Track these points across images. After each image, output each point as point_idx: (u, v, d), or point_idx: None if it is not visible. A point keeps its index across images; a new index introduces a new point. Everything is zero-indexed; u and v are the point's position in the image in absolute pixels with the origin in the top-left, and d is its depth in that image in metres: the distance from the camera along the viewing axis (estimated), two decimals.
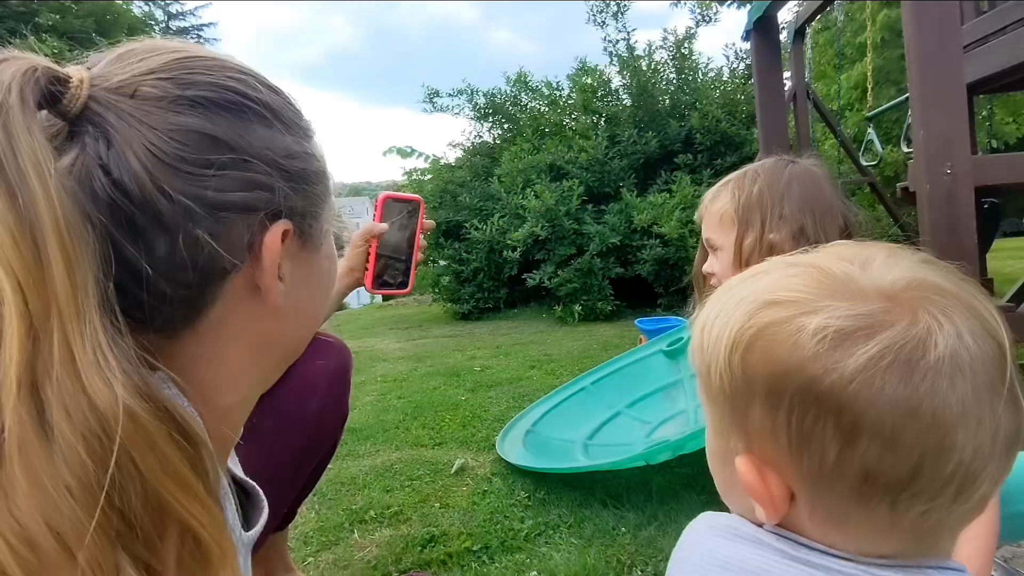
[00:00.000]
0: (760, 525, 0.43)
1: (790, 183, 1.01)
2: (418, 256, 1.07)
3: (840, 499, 0.38)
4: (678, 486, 1.67)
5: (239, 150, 0.44)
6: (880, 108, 4.83)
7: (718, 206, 1.05)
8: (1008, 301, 2.63)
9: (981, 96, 5.01)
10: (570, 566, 1.32)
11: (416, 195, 1.08)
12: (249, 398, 0.54)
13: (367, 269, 1.03)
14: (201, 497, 0.38)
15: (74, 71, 0.41)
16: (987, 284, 2.68)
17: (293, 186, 0.47)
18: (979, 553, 0.75)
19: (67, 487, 0.33)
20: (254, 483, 0.62)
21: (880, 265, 0.40)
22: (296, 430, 1.01)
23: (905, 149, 4.07)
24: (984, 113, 5.23)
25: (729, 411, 0.42)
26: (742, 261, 0.99)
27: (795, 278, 0.41)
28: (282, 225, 0.47)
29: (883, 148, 4.80)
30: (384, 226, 1.02)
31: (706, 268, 1.08)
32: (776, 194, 0.99)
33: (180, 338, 0.45)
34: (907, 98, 3.95)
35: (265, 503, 0.62)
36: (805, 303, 0.38)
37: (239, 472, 0.62)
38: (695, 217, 1.12)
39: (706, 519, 0.48)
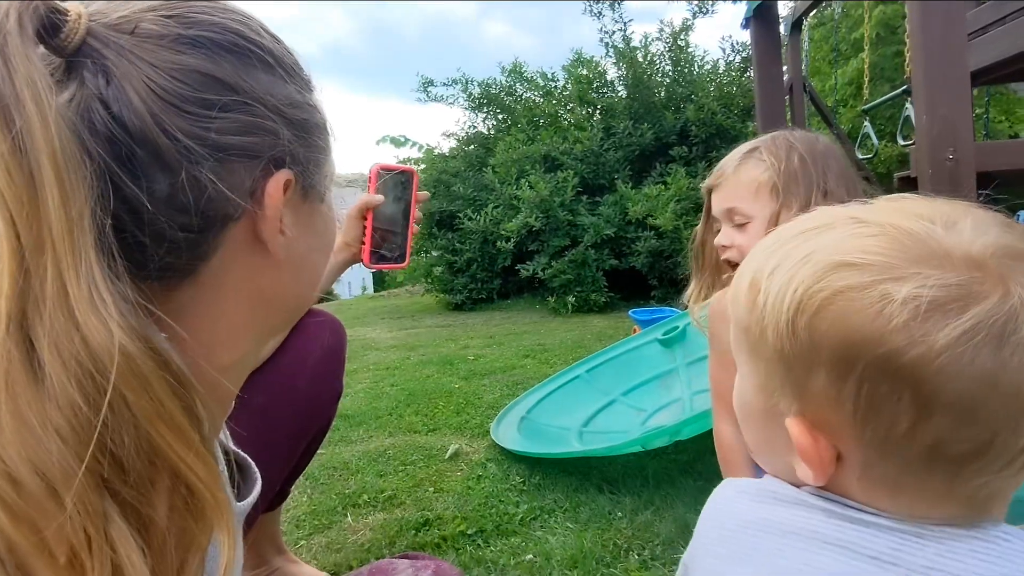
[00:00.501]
0: (797, 487, 0.42)
1: (827, 155, 0.95)
2: (414, 228, 1.05)
3: (900, 467, 0.37)
4: (675, 472, 1.66)
5: (242, 93, 0.43)
6: (876, 101, 4.83)
7: (751, 174, 0.97)
8: None
9: (976, 92, 5.02)
10: (566, 549, 1.31)
11: (409, 165, 1.05)
12: (245, 360, 0.52)
13: (363, 243, 1.01)
14: (196, 446, 0.37)
15: (72, 6, 0.39)
16: None
17: (296, 135, 0.46)
18: None
19: (56, 428, 0.31)
20: (246, 455, 0.60)
21: (967, 228, 0.37)
22: (287, 407, 0.99)
23: (901, 143, 4.08)
24: (980, 109, 5.25)
25: (784, 373, 0.39)
26: None
27: (872, 238, 0.37)
28: (285, 174, 0.45)
29: (878, 142, 4.79)
30: (380, 198, 1.00)
31: (725, 240, 1.01)
32: (818, 166, 0.94)
33: (179, 288, 0.43)
34: (903, 91, 3.95)
35: (258, 475, 0.60)
36: (889, 267, 0.36)
37: (229, 443, 0.60)
38: (704, 185, 1.05)
39: (734, 485, 0.46)
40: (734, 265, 1.01)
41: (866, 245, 0.37)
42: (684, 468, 1.67)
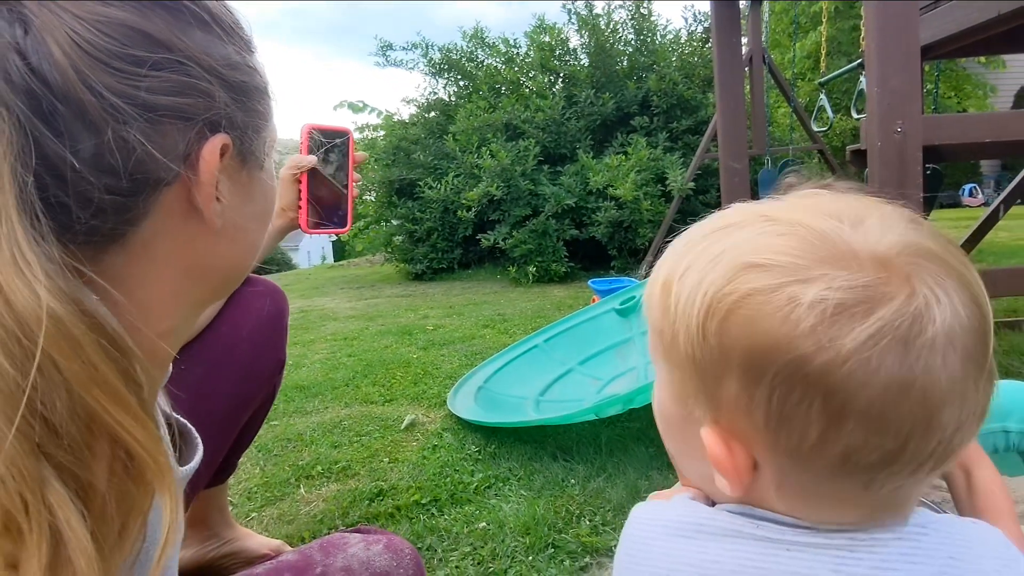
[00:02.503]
0: (713, 499, 0.41)
1: None
2: (354, 192, 1.01)
3: (814, 476, 0.36)
4: (627, 439, 1.69)
5: (175, 51, 0.40)
6: (833, 74, 4.90)
7: None
8: None
9: (927, 67, 5.13)
10: (519, 517, 1.32)
11: (344, 126, 1.01)
12: (180, 327, 0.50)
13: (300, 208, 0.97)
14: (133, 410, 0.36)
15: None
16: None
17: (233, 98, 0.44)
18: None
19: None
20: (186, 421, 0.58)
21: (874, 226, 0.36)
22: (228, 377, 0.96)
23: (855, 116, 4.16)
24: (930, 85, 5.38)
25: (697, 380, 0.38)
26: None
27: (780, 237, 0.36)
28: (221, 138, 0.43)
29: (834, 115, 4.88)
30: (312, 158, 0.95)
31: None
32: None
33: (107, 252, 0.41)
34: (859, 64, 4.01)
35: (199, 441, 0.58)
36: (796, 269, 0.34)
37: (168, 409, 0.58)
38: None
39: (651, 514, 0.44)
40: None
41: (775, 245, 0.36)
42: (637, 435, 1.70)
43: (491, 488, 1.49)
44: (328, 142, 0.97)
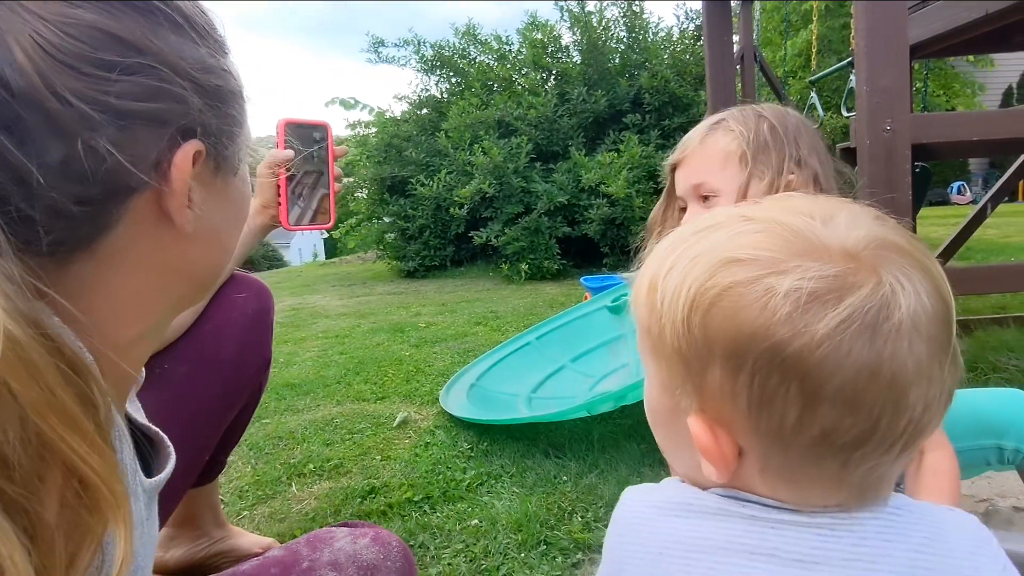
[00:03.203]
0: (702, 487, 0.43)
1: (798, 125, 0.89)
2: (335, 186, 1.00)
3: (795, 458, 0.38)
4: (619, 436, 1.69)
5: (147, 54, 0.39)
6: (823, 72, 4.92)
7: (718, 144, 0.89)
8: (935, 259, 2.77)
9: (916, 65, 5.16)
10: (511, 514, 1.32)
11: (322, 119, 0.99)
12: (152, 333, 0.49)
13: (279, 204, 0.96)
14: (90, 437, 0.34)
15: None
16: None
17: (207, 103, 0.43)
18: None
19: None
20: (157, 429, 0.57)
21: (842, 221, 0.39)
22: (212, 376, 0.95)
23: (845, 114, 4.18)
24: (919, 84, 5.41)
25: (683, 371, 0.40)
26: None
27: (757, 234, 0.39)
28: (194, 145, 0.42)
29: (824, 113, 4.91)
30: (289, 153, 0.93)
31: (689, 220, 0.93)
32: (790, 135, 0.88)
33: (74, 262, 0.40)
34: (849, 62, 4.03)
35: (171, 449, 0.57)
36: (772, 262, 0.37)
37: (140, 417, 0.57)
38: (667, 163, 0.97)
39: (642, 495, 0.46)
40: None
41: (752, 241, 0.39)
42: (628, 432, 1.71)
43: (483, 485, 1.50)
44: (305, 136, 0.95)
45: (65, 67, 0.35)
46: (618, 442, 1.65)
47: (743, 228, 0.40)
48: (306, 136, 0.96)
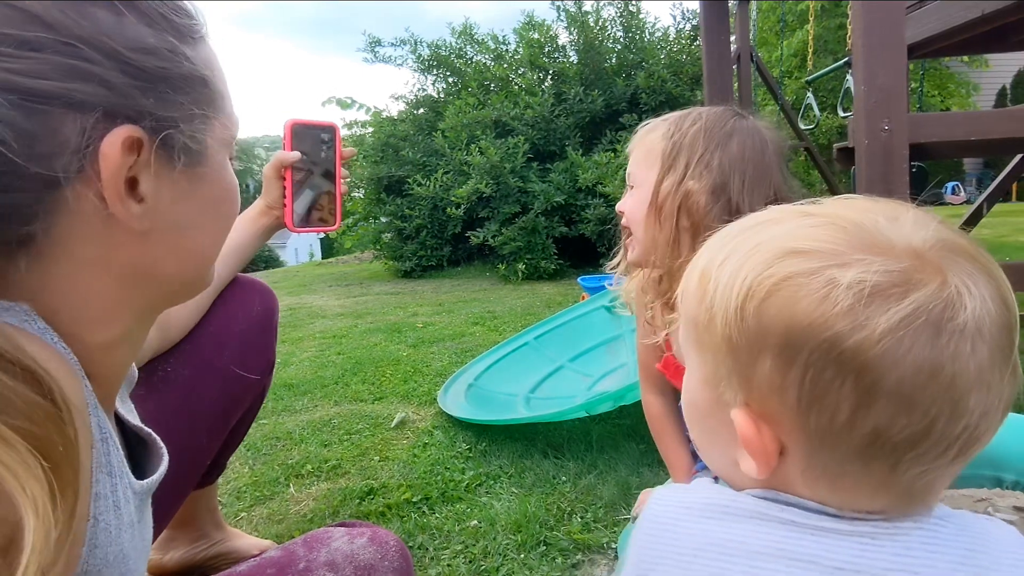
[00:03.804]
0: (736, 486, 0.42)
1: (731, 134, 0.91)
2: (342, 188, 0.99)
3: (841, 457, 0.37)
4: (618, 436, 1.69)
5: (63, 31, 0.36)
6: (819, 72, 4.94)
7: (650, 139, 0.96)
8: None
9: (911, 66, 5.18)
10: (510, 514, 1.32)
11: (330, 121, 0.99)
12: (132, 335, 0.48)
13: (285, 205, 0.95)
14: (5, 435, 0.32)
15: None
16: None
17: (143, 86, 0.40)
18: None
19: None
20: (150, 431, 0.57)
21: (908, 221, 0.38)
22: (215, 379, 0.94)
23: (841, 114, 4.18)
24: (915, 84, 5.43)
25: (731, 362, 0.40)
26: (657, 205, 0.91)
27: (819, 228, 0.38)
28: (125, 130, 0.39)
29: (820, 113, 4.92)
30: (296, 154, 0.93)
31: (619, 205, 1.00)
32: (712, 141, 0.90)
33: (15, 260, 0.38)
34: (845, 62, 4.04)
35: (164, 451, 0.56)
36: (835, 254, 0.36)
37: (133, 419, 0.57)
38: (626, 150, 1.03)
39: (672, 499, 0.44)
40: (628, 231, 0.99)
41: (814, 234, 0.38)
42: (627, 432, 1.71)
43: (482, 486, 1.49)
44: (313, 137, 0.95)
45: None
46: (617, 442, 1.65)
47: (803, 222, 0.40)
48: (314, 137, 0.95)
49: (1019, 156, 2.67)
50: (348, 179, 1.02)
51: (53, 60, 0.36)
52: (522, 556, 1.19)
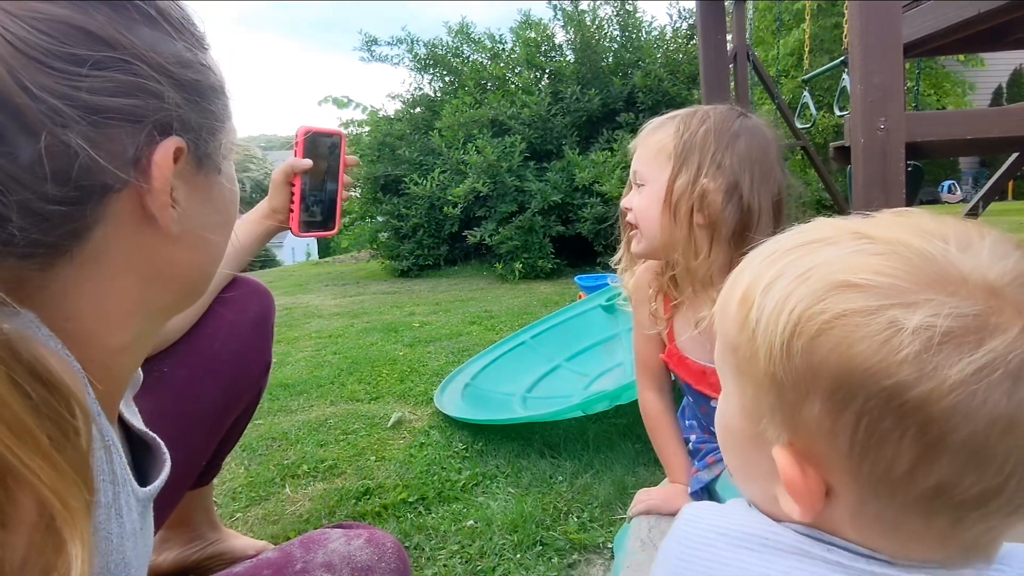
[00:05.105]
0: (774, 518, 0.39)
1: (738, 134, 0.93)
2: (343, 194, 1.01)
3: (900, 509, 0.34)
4: (614, 435, 1.69)
5: (120, 49, 0.38)
6: (816, 71, 4.94)
7: (658, 138, 0.97)
8: None
9: (908, 65, 5.19)
10: (507, 514, 1.32)
11: (338, 128, 1.00)
12: (143, 338, 0.48)
13: (291, 211, 0.96)
14: (44, 449, 0.33)
15: None
16: None
17: (186, 98, 0.42)
18: None
19: None
20: (154, 435, 0.57)
21: (984, 249, 0.34)
22: (212, 379, 0.94)
23: (838, 113, 4.19)
24: (911, 83, 5.45)
25: (775, 399, 0.36)
26: (671, 203, 0.92)
27: (878, 256, 0.34)
28: (174, 141, 0.41)
29: (817, 112, 4.93)
30: (308, 162, 0.95)
31: (626, 202, 1.01)
32: (722, 140, 0.92)
33: (55, 266, 0.39)
34: (842, 61, 4.04)
35: (167, 456, 0.56)
36: (897, 291, 0.32)
37: (137, 423, 0.56)
38: (628, 148, 1.04)
39: (708, 519, 0.41)
40: (633, 227, 1.01)
41: (873, 264, 0.34)
42: (623, 431, 1.71)
43: (479, 486, 1.49)
44: (322, 144, 0.96)
45: (34, 62, 0.35)
46: (613, 442, 1.65)
47: (859, 247, 0.35)
48: (322, 144, 0.97)
49: (1015, 155, 2.68)
50: (351, 186, 1.04)
51: (116, 78, 0.38)
52: (518, 556, 1.19)
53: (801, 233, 0.39)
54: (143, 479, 0.51)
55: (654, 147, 0.97)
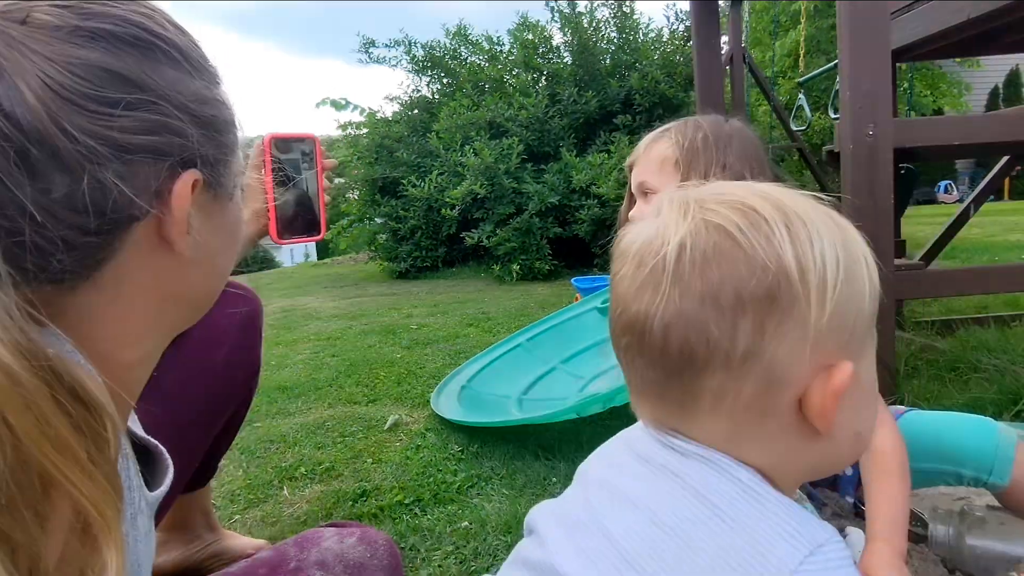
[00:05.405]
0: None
1: (731, 135, 1.01)
2: (324, 197, 1.01)
3: None
4: (608, 437, 1.70)
5: (147, 90, 0.41)
6: (812, 74, 4.97)
7: (658, 150, 1.04)
8: (919, 259, 2.81)
9: (903, 67, 5.21)
10: (501, 515, 1.34)
11: (308, 132, 1.01)
12: (152, 354, 0.51)
13: (270, 218, 0.97)
14: (82, 462, 0.35)
15: None
16: (900, 246, 2.84)
17: (204, 133, 0.45)
18: None
19: None
20: (157, 442, 0.59)
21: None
22: (202, 381, 0.96)
23: (832, 115, 4.21)
24: (905, 85, 5.47)
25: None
26: None
27: None
28: (192, 174, 0.44)
29: (812, 114, 4.95)
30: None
31: (635, 214, 1.06)
32: (720, 143, 1.00)
33: (76, 289, 0.41)
34: (837, 64, 4.05)
35: (170, 462, 0.59)
36: None
37: (138, 430, 0.59)
38: (625, 164, 1.10)
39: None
40: None
41: None
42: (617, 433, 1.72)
43: (474, 487, 1.51)
44: (292, 149, 0.97)
45: (71, 104, 0.37)
46: None
47: None
48: (293, 149, 0.97)
49: (1005, 158, 2.70)
50: (331, 189, 1.04)
51: (145, 117, 0.41)
52: None
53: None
54: (147, 484, 0.54)
55: (656, 158, 1.03)
